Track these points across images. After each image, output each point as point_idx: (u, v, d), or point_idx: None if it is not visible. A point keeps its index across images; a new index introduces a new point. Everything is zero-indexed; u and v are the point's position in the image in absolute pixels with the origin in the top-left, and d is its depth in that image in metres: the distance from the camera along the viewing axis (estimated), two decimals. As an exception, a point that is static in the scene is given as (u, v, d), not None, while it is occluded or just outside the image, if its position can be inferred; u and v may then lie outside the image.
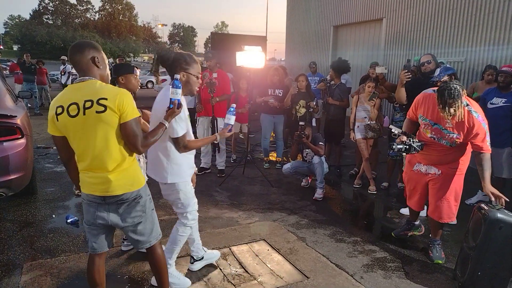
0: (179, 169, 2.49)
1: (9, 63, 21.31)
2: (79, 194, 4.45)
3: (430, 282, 2.90)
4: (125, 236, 3.11)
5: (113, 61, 18.96)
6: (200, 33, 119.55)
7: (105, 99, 1.89)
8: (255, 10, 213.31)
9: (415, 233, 3.62)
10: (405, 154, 3.11)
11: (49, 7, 70.40)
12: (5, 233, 3.50)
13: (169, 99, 2.21)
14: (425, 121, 3.05)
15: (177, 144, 2.40)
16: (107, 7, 75.98)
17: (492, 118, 4.13)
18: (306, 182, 5.20)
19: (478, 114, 2.81)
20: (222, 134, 2.65)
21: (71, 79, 13.29)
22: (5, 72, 15.80)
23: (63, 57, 13.02)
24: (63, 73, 12.51)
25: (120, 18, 75.93)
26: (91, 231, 2.12)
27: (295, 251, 3.29)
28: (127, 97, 1.95)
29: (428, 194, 3.27)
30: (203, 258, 2.95)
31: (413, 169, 3.30)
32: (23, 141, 3.64)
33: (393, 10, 10.22)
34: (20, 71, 11.16)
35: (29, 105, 9.99)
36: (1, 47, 47.38)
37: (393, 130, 3.15)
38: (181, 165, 2.50)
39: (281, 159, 6.22)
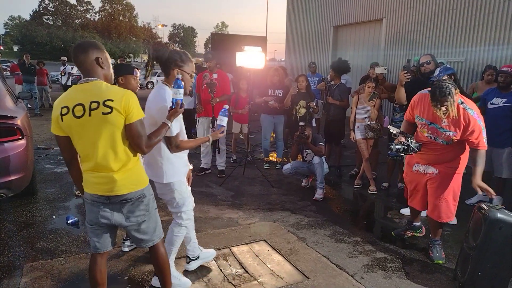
0: (173, 168, 2.50)
1: (10, 64, 21.34)
2: (79, 195, 4.49)
3: (430, 282, 2.90)
4: (128, 235, 3.11)
5: (114, 61, 18.98)
6: (200, 33, 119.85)
7: (111, 100, 1.91)
8: (255, 10, 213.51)
9: (416, 235, 3.62)
10: (403, 154, 3.12)
11: (49, 8, 70.45)
12: (5, 234, 3.51)
13: (172, 99, 2.23)
14: (422, 120, 3.08)
15: (170, 143, 2.41)
16: (107, 8, 76.02)
17: (492, 118, 4.15)
18: (306, 182, 5.21)
19: (473, 111, 2.84)
20: (214, 135, 2.64)
21: (71, 80, 13.31)
22: (5, 72, 15.85)
23: (63, 58, 13.02)
24: (63, 74, 12.52)
25: (120, 18, 75.95)
26: (94, 231, 2.12)
27: (296, 252, 3.29)
28: (133, 98, 1.97)
29: None
30: (199, 257, 2.95)
31: (413, 169, 3.32)
32: (23, 142, 3.64)
33: (393, 10, 10.22)
34: (20, 72, 11.16)
35: (29, 106, 10.00)
36: (1, 48, 47.38)
37: (391, 130, 3.18)
38: (175, 164, 2.51)
39: (281, 160, 6.22)
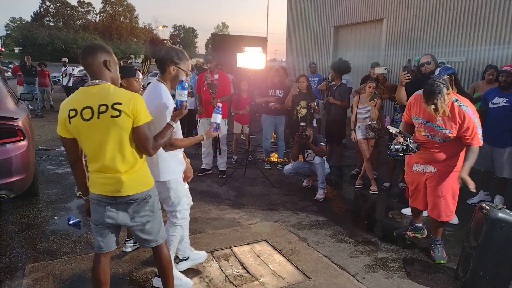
0: (169, 166, 2.51)
1: (11, 66, 21.36)
2: (81, 195, 4.48)
3: (432, 282, 2.90)
4: (131, 235, 3.11)
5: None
6: (200, 34, 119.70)
7: (120, 103, 1.92)
8: (256, 11, 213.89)
9: (417, 236, 3.62)
10: (402, 154, 3.15)
11: (50, 9, 70.63)
12: (7, 235, 3.51)
13: (176, 100, 2.26)
14: (418, 120, 3.13)
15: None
16: (108, 9, 76.16)
17: (493, 118, 4.15)
18: (307, 182, 5.21)
19: (468, 108, 2.88)
20: (208, 134, 2.59)
21: (72, 81, 13.34)
22: (6, 74, 15.88)
23: (64, 59, 13.06)
24: (64, 75, 12.55)
25: (121, 19, 76.10)
26: (98, 230, 2.13)
27: (297, 252, 3.29)
28: (141, 102, 1.99)
29: None
30: (189, 258, 2.93)
31: (412, 169, 3.33)
32: (24, 143, 3.65)
33: (394, 10, 10.22)
34: (21, 73, 11.18)
35: (30, 107, 10.03)
36: (3, 50, 47.49)
37: (391, 130, 3.21)
38: (171, 163, 2.52)
39: (282, 160, 6.22)
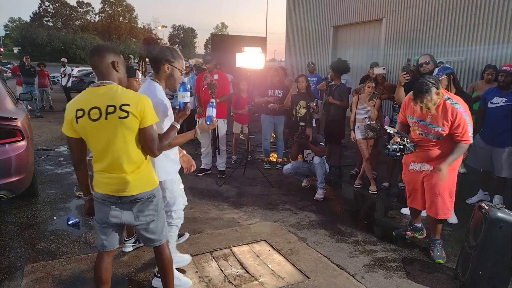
0: (165, 166, 2.51)
1: (10, 66, 21.34)
2: (80, 196, 4.50)
3: (431, 281, 2.90)
4: (137, 234, 3.09)
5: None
6: (200, 34, 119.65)
7: (128, 105, 1.94)
8: (255, 11, 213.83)
9: (417, 236, 3.62)
10: (399, 154, 3.17)
11: (49, 10, 70.62)
12: (6, 235, 3.51)
13: (179, 102, 2.28)
14: (412, 119, 3.18)
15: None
16: (107, 9, 76.18)
17: (493, 117, 4.15)
18: (306, 182, 5.21)
19: (460, 105, 2.93)
20: (201, 127, 2.52)
21: (71, 82, 13.32)
22: (5, 74, 15.86)
23: (63, 60, 13.03)
24: (63, 75, 12.51)
25: (120, 20, 76.13)
26: (102, 229, 2.13)
27: (296, 252, 3.29)
28: (148, 103, 2.01)
29: None
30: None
31: (409, 169, 3.36)
32: (23, 143, 3.64)
33: (393, 10, 10.22)
34: (20, 74, 11.18)
35: (30, 108, 10.02)
36: (2, 50, 47.42)
37: (388, 130, 3.25)
38: (166, 163, 2.51)
39: (281, 160, 6.22)
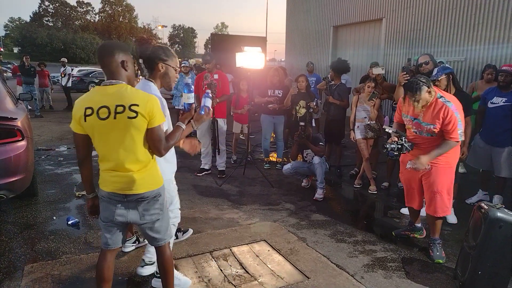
0: (160, 167, 2.48)
1: (10, 66, 21.33)
2: (80, 195, 4.50)
3: (430, 281, 2.90)
4: (142, 233, 3.08)
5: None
6: (200, 34, 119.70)
7: (137, 105, 1.94)
8: (255, 11, 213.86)
9: (416, 236, 3.63)
10: (397, 153, 3.18)
11: (49, 9, 70.64)
12: (6, 235, 3.51)
13: (184, 103, 2.30)
14: (407, 117, 3.23)
15: None
16: (107, 9, 76.18)
17: (493, 117, 4.15)
18: (306, 182, 5.21)
19: (451, 103, 2.97)
20: (197, 119, 2.36)
21: (71, 81, 13.32)
22: (5, 74, 15.86)
23: (63, 59, 13.02)
24: (63, 75, 12.51)
25: (120, 19, 76.14)
26: (107, 228, 2.14)
27: (296, 252, 3.29)
28: (157, 104, 2.02)
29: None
30: (154, 263, 2.80)
31: (406, 167, 3.37)
32: (23, 143, 3.64)
33: (393, 10, 10.22)
34: (20, 73, 11.18)
35: (29, 107, 10.01)
36: (2, 50, 47.41)
37: (387, 130, 3.29)
38: (162, 163, 2.49)
39: (281, 160, 6.22)
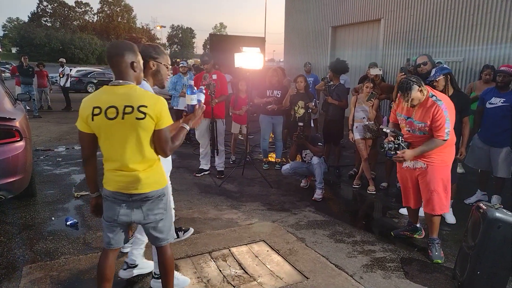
0: None
1: (8, 66, 21.29)
2: (78, 196, 4.49)
3: (429, 281, 2.90)
4: (145, 233, 3.08)
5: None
6: (198, 34, 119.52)
7: (145, 106, 1.95)
8: (254, 11, 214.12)
9: (415, 236, 3.63)
10: (393, 153, 3.20)
11: (47, 10, 70.53)
12: (4, 235, 3.50)
13: (187, 105, 2.30)
14: (401, 116, 3.27)
15: None
16: (106, 9, 76.10)
17: (491, 117, 4.16)
18: (305, 182, 5.21)
19: (442, 102, 3.00)
20: (194, 122, 2.32)
21: (70, 82, 13.29)
22: (3, 74, 15.82)
23: (62, 60, 13.00)
24: (62, 76, 12.48)
25: (118, 20, 76.07)
26: (110, 227, 2.14)
27: (295, 252, 3.29)
28: (165, 105, 2.03)
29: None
30: (137, 266, 2.81)
31: (403, 166, 3.39)
32: (22, 143, 3.63)
33: (391, 10, 10.24)
34: (18, 74, 11.16)
35: (28, 108, 9.99)
36: (0, 50, 47.30)
37: (384, 129, 3.34)
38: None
39: (280, 160, 6.22)
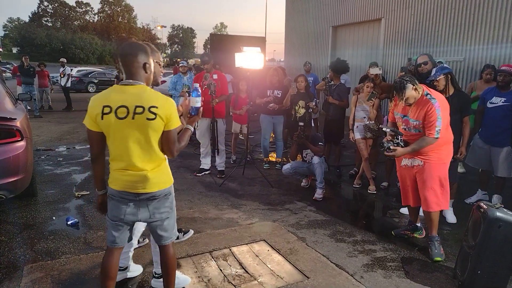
0: None
1: (9, 66, 21.32)
2: (79, 196, 4.50)
3: (430, 281, 2.90)
4: (150, 232, 3.07)
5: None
6: (199, 34, 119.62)
7: (156, 107, 1.98)
8: (254, 11, 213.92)
9: (416, 236, 3.63)
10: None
11: (48, 10, 70.60)
12: (5, 235, 3.51)
13: (191, 107, 2.32)
14: (397, 115, 3.32)
15: None
16: (106, 9, 76.16)
17: (492, 117, 4.16)
18: (306, 182, 5.21)
19: (436, 100, 3.03)
20: (189, 120, 2.37)
21: (71, 82, 13.31)
22: (4, 74, 15.84)
23: (62, 60, 13.01)
24: (63, 76, 12.50)
25: (119, 20, 76.14)
26: (115, 226, 2.14)
27: (295, 251, 3.30)
28: (174, 107, 2.06)
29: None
30: (126, 269, 2.78)
31: (401, 164, 3.41)
32: (22, 143, 3.64)
33: (392, 10, 10.24)
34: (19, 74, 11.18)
35: (29, 108, 10.00)
36: (1, 50, 47.36)
37: (384, 129, 3.37)
38: None
39: (280, 160, 6.22)
